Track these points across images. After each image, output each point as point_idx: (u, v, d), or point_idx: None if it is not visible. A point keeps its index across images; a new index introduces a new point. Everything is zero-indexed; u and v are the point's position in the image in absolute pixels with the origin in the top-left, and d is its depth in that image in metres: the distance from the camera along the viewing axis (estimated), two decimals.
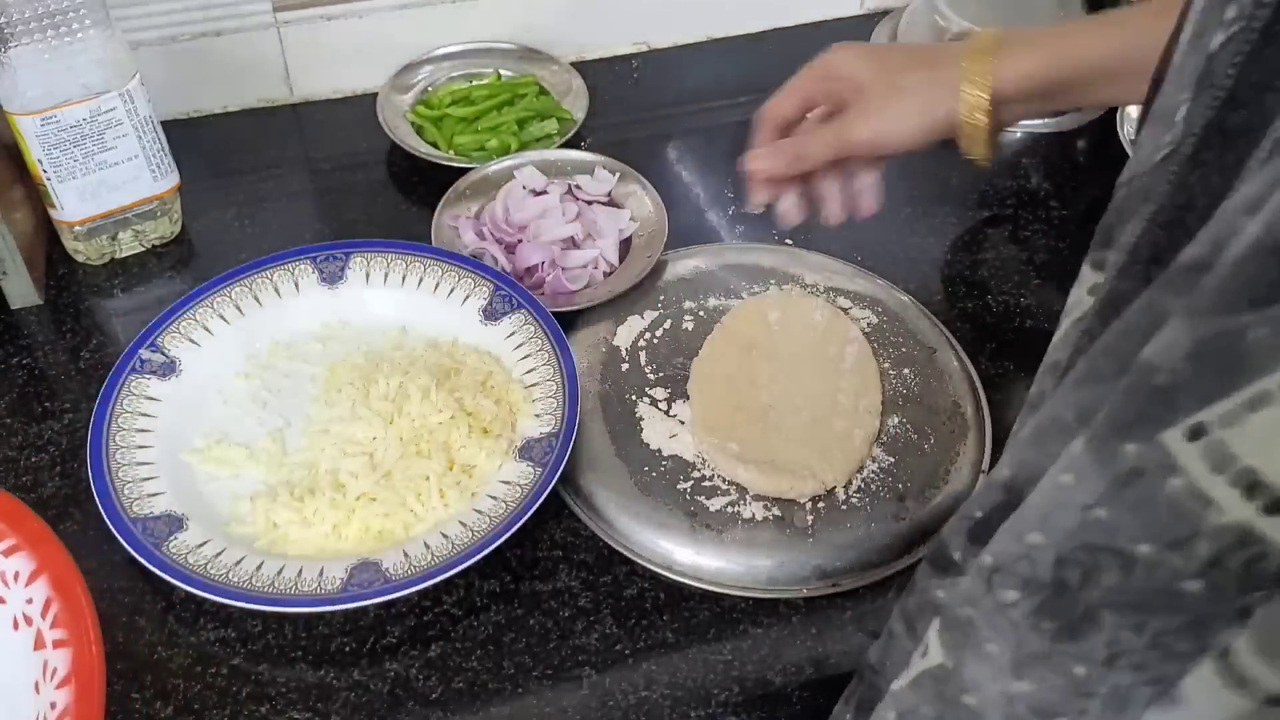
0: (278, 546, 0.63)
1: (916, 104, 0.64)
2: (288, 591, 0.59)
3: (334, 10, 0.91)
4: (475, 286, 0.74)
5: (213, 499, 0.65)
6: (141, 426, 0.67)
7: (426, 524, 0.64)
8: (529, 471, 0.65)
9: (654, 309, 0.77)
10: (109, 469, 0.64)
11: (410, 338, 0.74)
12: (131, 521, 0.61)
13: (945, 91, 0.63)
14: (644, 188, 0.83)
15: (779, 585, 0.63)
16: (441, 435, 0.66)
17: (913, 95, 0.64)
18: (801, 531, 0.65)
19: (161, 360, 0.70)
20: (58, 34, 0.70)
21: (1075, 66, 0.63)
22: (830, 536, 0.64)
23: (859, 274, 0.80)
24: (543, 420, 0.67)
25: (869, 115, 0.65)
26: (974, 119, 0.63)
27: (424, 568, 0.60)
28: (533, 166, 0.83)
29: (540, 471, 0.64)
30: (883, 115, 0.64)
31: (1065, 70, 0.63)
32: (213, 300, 0.73)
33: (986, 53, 0.63)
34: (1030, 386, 0.42)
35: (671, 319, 0.76)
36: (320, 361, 0.72)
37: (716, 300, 0.77)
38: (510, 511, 0.62)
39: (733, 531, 0.64)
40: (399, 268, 0.75)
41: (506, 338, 0.72)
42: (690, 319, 0.76)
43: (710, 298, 0.78)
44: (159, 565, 0.59)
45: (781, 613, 0.63)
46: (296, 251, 0.76)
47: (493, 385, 0.69)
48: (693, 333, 0.75)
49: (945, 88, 0.63)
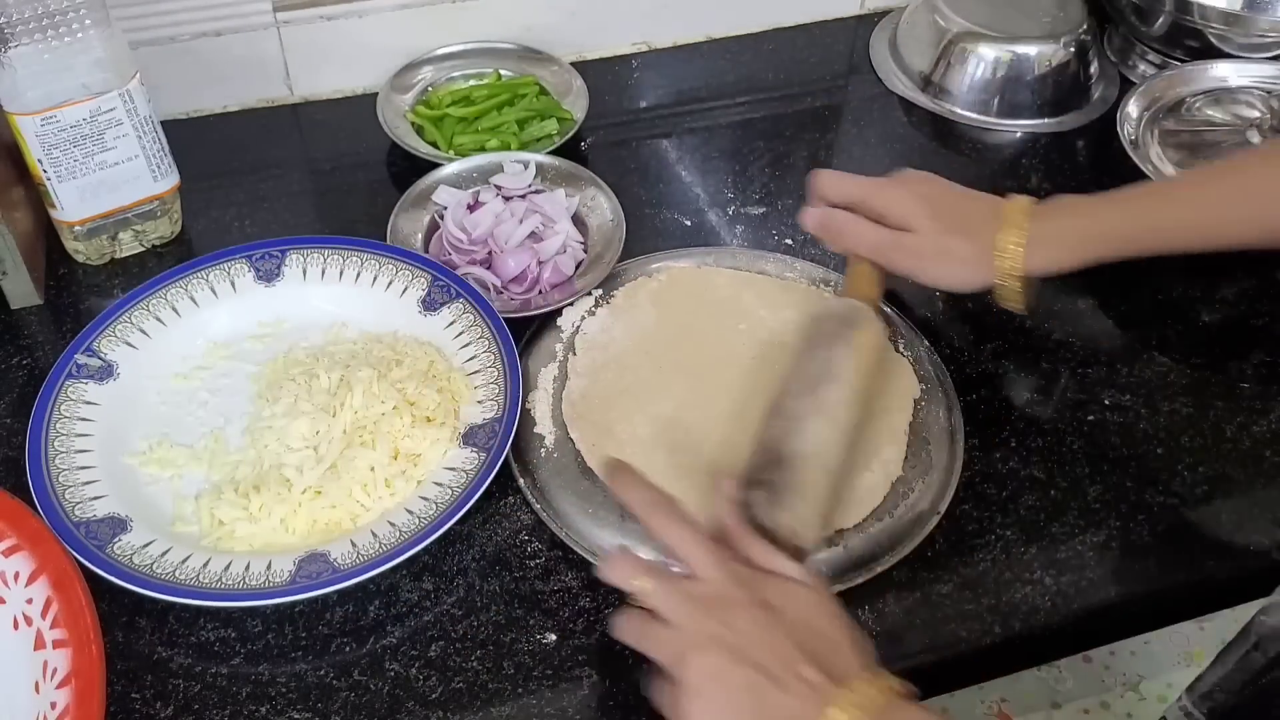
0: (225, 543, 0.63)
1: (960, 272, 0.72)
2: (235, 587, 0.59)
3: (334, 10, 0.91)
4: (413, 278, 0.75)
5: (157, 500, 0.66)
6: (80, 431, 0.67)
7: (374, 514, 0.64)
8: (474, 457, 0.66)
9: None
10: (49, 474, 0.64)
11: (350, 331, 0.75)
12: (74, 525, 0.61)
13: (985, 267, 0.70)
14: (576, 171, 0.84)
15: None
16: (385, 426, 0.67)
17: (959, 265, 0.71)
18: None
19: (98, 364, 0.70)
20: (58, 34, 0.70)
21: (1108, 246, 0.71)
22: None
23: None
24: (485, 406, 0.68)
25: (918, 262, 0.72)
26: (1009, 288, 0.71)
27: (372, 556, 0.61)
28: (444, 186, 0.82)
29: (485, 456, 0.65)
30: (927, 270, 0.72)
31: (1096, 253, 0.71)
32: (149, 303, 0.73)
33: (1020, 228, 0.70)
34: (1029, 385, 0.42)
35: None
36: (260, 359, 0.73)
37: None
38: (456, 497, 0.63)
39: None
40: (336, 263, 0.76)
41: (446, 327, 0.73)
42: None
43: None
44: (104, 567, 0.59)
45: None
46: (231, 251, 0.76)
47: (435, 374, 0.70)
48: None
49: (985, 264, 0.70)
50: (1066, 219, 0.71)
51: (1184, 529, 0.67)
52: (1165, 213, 0.72)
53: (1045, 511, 0.68)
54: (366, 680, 0.60)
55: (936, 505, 0.67)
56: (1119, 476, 0.70)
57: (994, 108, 0.97)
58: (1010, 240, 0.69)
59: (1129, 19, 0.99)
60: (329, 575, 0.60)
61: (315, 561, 0.61)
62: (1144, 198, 0.73)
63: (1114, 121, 0.91)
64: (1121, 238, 0.71)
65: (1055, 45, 0.96)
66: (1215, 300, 0.81)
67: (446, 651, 0.61)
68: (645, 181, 0.89)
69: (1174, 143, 0.90)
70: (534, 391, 0.71)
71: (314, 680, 0.60)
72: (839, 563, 0.64)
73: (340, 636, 0.61)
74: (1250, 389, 0.75)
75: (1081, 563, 0.65)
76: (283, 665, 0.60)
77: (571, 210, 0.82)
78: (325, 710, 0.58)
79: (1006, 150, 0.95)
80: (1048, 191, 0.88)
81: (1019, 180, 0.90)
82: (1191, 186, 0.75)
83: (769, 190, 0.89)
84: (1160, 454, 0.71)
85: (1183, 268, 0.83)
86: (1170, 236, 0.71)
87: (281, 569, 0.60)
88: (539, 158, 0.85)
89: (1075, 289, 0.81)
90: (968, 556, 0.65)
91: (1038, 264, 0.70)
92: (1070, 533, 0.67)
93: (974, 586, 0.64)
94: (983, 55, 0.96)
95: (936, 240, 0.71)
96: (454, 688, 0.59)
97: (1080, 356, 0.77)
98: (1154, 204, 0.72)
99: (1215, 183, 0.73)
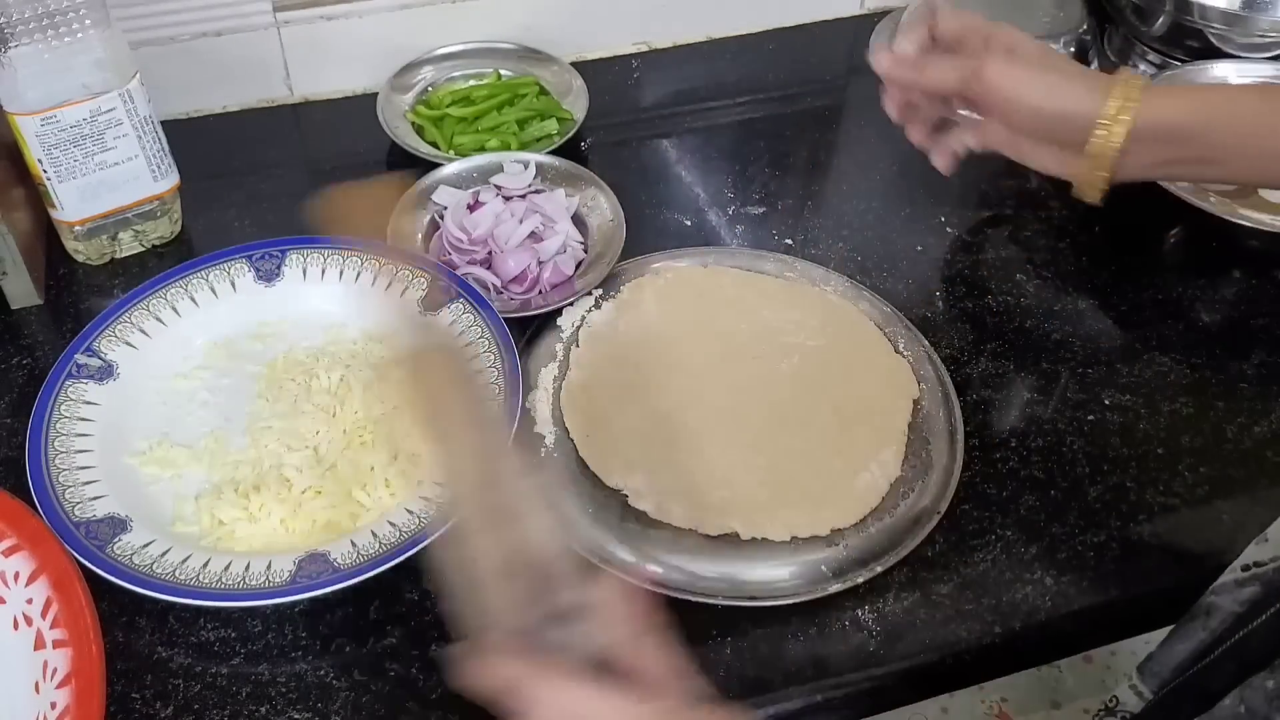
0: (224, 543, 0.63)
1: (1065, 87, 0.62)
2: (235, 587, 0.59)
3: (334, 10, 0.91)
4: (413, 278, 0.75)
5: (157, 500, 0.66)
6: (80, 431, 0.67)
7: (374, 514, 0.64)
8: None
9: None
10: (49, 474, 0.64)
11: (350, 332, 0.75)
12: (74, 525, 0.61)
13: (1096, 93, 0.62)
14: (574, 169, 0.84)
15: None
16: (385, 426, 0.67)
17: (1064, 78, 0.62)
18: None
19: (98, 364, 0.70)
20: (58, 34, 0.70)
21: (1218, 121, 0.62)
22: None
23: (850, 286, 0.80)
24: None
25: (1014, 67, 0.62)
26: (1110, 136, 0.62)
27: (372, 556, 0.61)
28: (444, 186, 0.83)
29: None
30: (1027, 77, 0.62)
31: (1211, 120, 0.62)
32: (149, 303, 0.73)
33: (1136, 83, 0.62)
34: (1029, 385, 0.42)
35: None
36: (260, 359, 0.73)
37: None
38: None
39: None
40: (336, 263, 0.76)
41: (446, 327, 0.73)
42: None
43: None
44: (104, 567, 0.59)
45: (782, 613, 0.63)
46: (231, 251, 0.76)
47: None
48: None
49: (1097, 90, 0.62)
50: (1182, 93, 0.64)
51: (1184, 529, 0.67)
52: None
53: (1045, 511, 0.68)
54: (366, 680, 0.60)
55: (936, 505, 0.67)
56: (1119, 476, 0.70)
57: None
58: (1130, 86, 0.62)
59: (1129, 19, 0.99)
60: (329, 575, 0.60)
61: (315, 561, 0.61)
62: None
63: None
64: (1245, 106, 0.63)
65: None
66: (1215, 300, 0.81)
67: (447, 651, 0.61)
68: (645, 181, 0.89)
69: None
70: (534, 391, 0.71)
71: (314, 680, 0.60)
72: (839, 562, 0.64)
73: (340, 636, 0.61)
74: (1250, 389, 0.75)
75: (1081, 563, 0.65)
76: (283, 665, 0.60)
77: (571, 210, 0.82)
78: (325, 710, 0.58)
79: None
80: (1048, 192, 0.89)
81: (1019, 180, 0.90)
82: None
83: (769, 190, 0.89)
84: (1160, 454, 0.71)
85: (1183, 268, 0.83)
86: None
87: (281, 569, 0.60)
88: (539, 158, 0.85)
89: (1075, 289, 0.81)
90: (968, 556, 0.65)
91: (1157, 103, 0.62)
92: (1070, 533, 0.67)
93: (974, 586, 0.64)
94: None
95: (1043, 52, 0.64)
96: (454, 687, 0.59)
97: (1080, 356, 0.77)
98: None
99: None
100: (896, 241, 0.85)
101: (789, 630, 0.62)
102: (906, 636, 0.62)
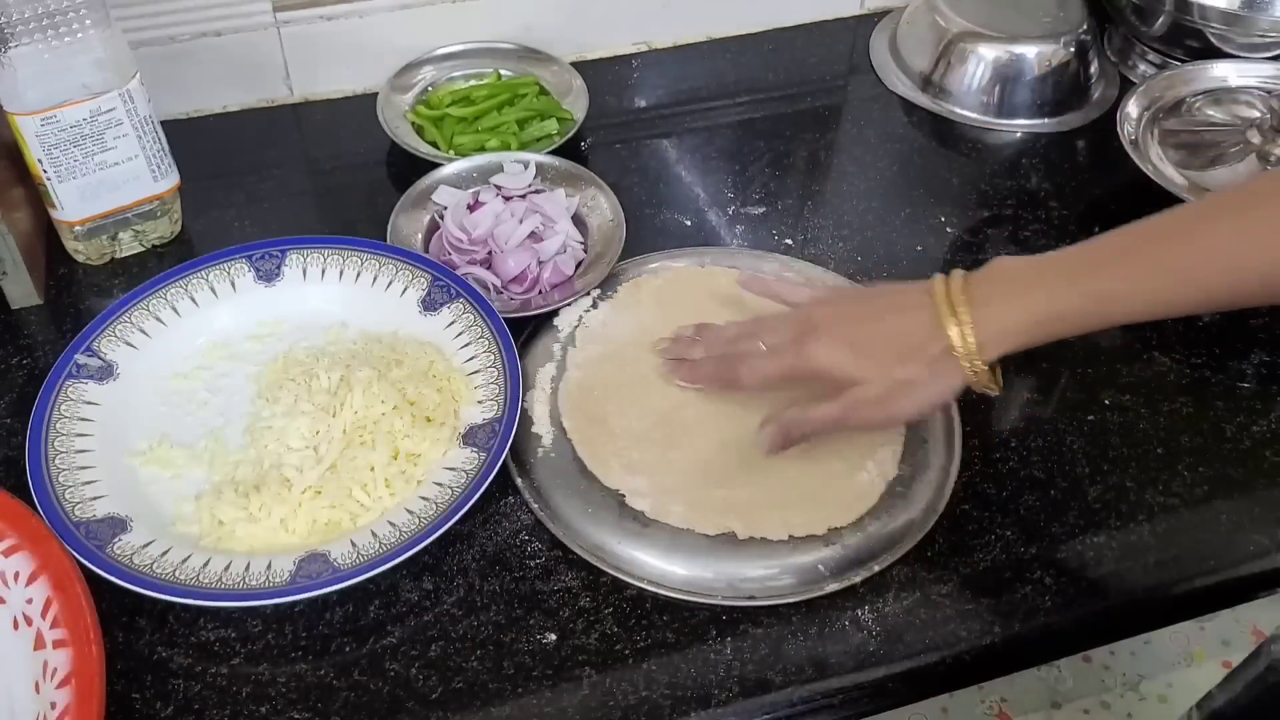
0: (224, 543, 0.63)
1: (926, 394, 0.63)
2: (235, 587, 0.59)
3: (334, 10, 0.91)
4: (413, 278, 0.75)
5: (157, 500, 0.66)
6: (80, 431, 0.67)
7: (373, 514, 0.64)
8: (474, 457, 0.66)
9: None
10: (49, 474, 0.64)
11: (350, 331, 0.75)
12: (74, 525, 0.61)
13: (950, 377, 0.62)
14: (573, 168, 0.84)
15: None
16: (385, 426, 0.67)
17: (920, 388, 0.62)
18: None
19: (98, 364, 0.70)
20: (58, 34, 0.70)
21: (1067, 325, 0.61)
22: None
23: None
24: (485, 406, 0.68)
25: (880, 407, 0.63)
26: (983, 384, 0.62)
27: (372, 556, 0.61)
28: (444, 186, 0.82)
29: (485, 456, 0.65)
30: (894, 407, 0.63)
31: (1049, 332, 0.61)
32: (149, 303, 0.73)
33: (963, 321, 0.60)
34: (1029, 385, 0.41)
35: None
36: (260, 359, 0.73)
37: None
38: (456, 497, 0.63)
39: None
40: (336, 263, 0.76)
41: (446, 327, 0.73)
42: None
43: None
44: (104, 567, 0.59)
45: (781, 613, 0.63)
46: (231, 251, 0.76)
47: (434, 374, 0.70)
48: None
49: (947, 375, 0.62)
50: (1008, 301, 0.60)
51: (1184, 529, 0.67)
52: (1128, 277, 0.59)
53: (1045, 511, 0.68)
54: (366, 680, 0.60)
55: (935, 504, 0.67)
56: (1119, 476, 0.70)
57: (994, 108, 0.97)
58: (956, 337, 0.60)
59: (1129, 19, 0.99)
60: (329, 575, 0.60)
61: (315, 561, 0.61)
62: (1098, 263, 0.60)
63: (1114, 121, 0.91)
64: (1079, 314, 0.60)
65: (1055, 45, 0.96)
66: None
67: (446, 651, 0.61)
68: (645, 181, 0.89)
69: (1174, 143, 0.90)
70: (532, 391, 0.72)
71: (314, 680, 0.60)
72: (836, 561, 0.64)
73: (340, 636, 0.61)
74: (1250, 389, 0.75)
75: (1081, 563, 0.65)
76: (283, 665, 0.60)
77: (571, 210, 0.82)
78: (325, 710, 0.58)
79: (1006, 150, 0.95)
80: (1048, 192, 0.89)
81: (1019, 180, 0.90)
82: (1152, 243, 0.59)
83: (769, 190, 0.89)
84: (1160, 454, 0.71)
85: None
86: (1136, 305, 0.60)
87: (281, 569, 0.60)
88: (539, 158, 0.85)
89: None
90: (968, 556, 0.65)
91: (992, 353, 0.61)
92: (1070, 533, 0.67)
93: (974, 586, 0.64)
94: (983, 55, 0.96)
95: (887, 374, 0.62)
96: (454, 688, 0.59)
97: (1080, 356, 0.76)
98: (1110, 267, 0.59)
99: (1181, 240, 0.59)
100: (896, 241, 0.85)
101: (789, 630, 0.62)
102: (906, 636, 0.62)
